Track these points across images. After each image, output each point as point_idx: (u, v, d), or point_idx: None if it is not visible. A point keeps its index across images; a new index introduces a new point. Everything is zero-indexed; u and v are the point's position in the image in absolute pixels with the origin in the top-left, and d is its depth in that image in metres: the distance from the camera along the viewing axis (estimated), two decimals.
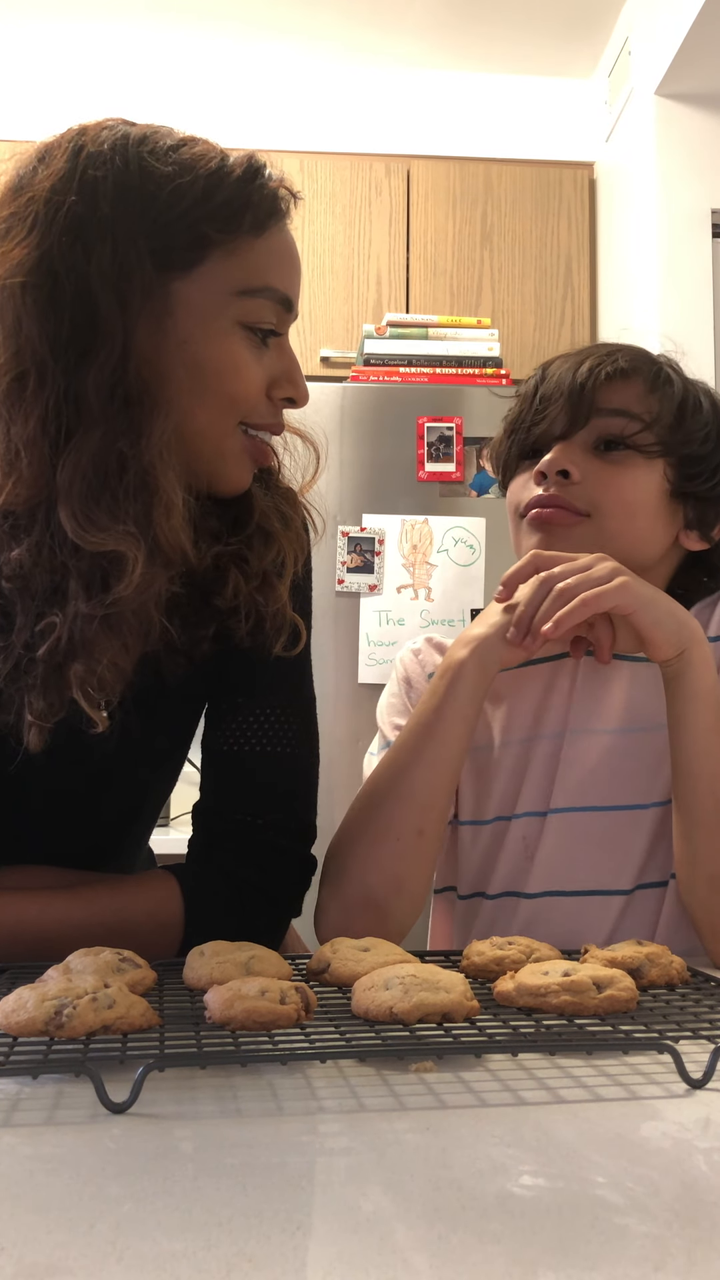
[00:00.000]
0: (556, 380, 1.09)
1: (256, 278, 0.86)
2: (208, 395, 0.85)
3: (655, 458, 1.06)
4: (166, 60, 3.19)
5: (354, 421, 2.64)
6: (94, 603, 0.81)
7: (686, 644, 0.96)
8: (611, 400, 1.06)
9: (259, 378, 0.87)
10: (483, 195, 3.20)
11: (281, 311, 0.88)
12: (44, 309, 0.80)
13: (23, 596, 0.83)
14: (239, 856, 0.93)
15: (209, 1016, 0.66)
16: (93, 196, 0.81)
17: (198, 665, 0.93)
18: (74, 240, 0.80)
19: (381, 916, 0.96)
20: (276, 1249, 0.42)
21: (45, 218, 0.81)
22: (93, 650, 0.82)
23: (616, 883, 1.05)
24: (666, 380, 1.08)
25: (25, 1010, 0.62)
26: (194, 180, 0.83)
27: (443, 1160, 0.51)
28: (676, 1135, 0.55)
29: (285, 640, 0.95)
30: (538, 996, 0.70)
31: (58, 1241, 0.43)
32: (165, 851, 1.15)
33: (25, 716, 0.84)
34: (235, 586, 0.91)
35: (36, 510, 0.82)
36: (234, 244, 0.85)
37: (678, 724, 0.97)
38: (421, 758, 0.99)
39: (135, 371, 0.81)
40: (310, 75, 3.25)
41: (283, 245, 0.88)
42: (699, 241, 2.72)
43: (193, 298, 0.84)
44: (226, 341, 0.85)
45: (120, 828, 1.05)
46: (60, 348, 0.80)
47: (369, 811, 1.00)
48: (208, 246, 0.84)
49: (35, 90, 3.14)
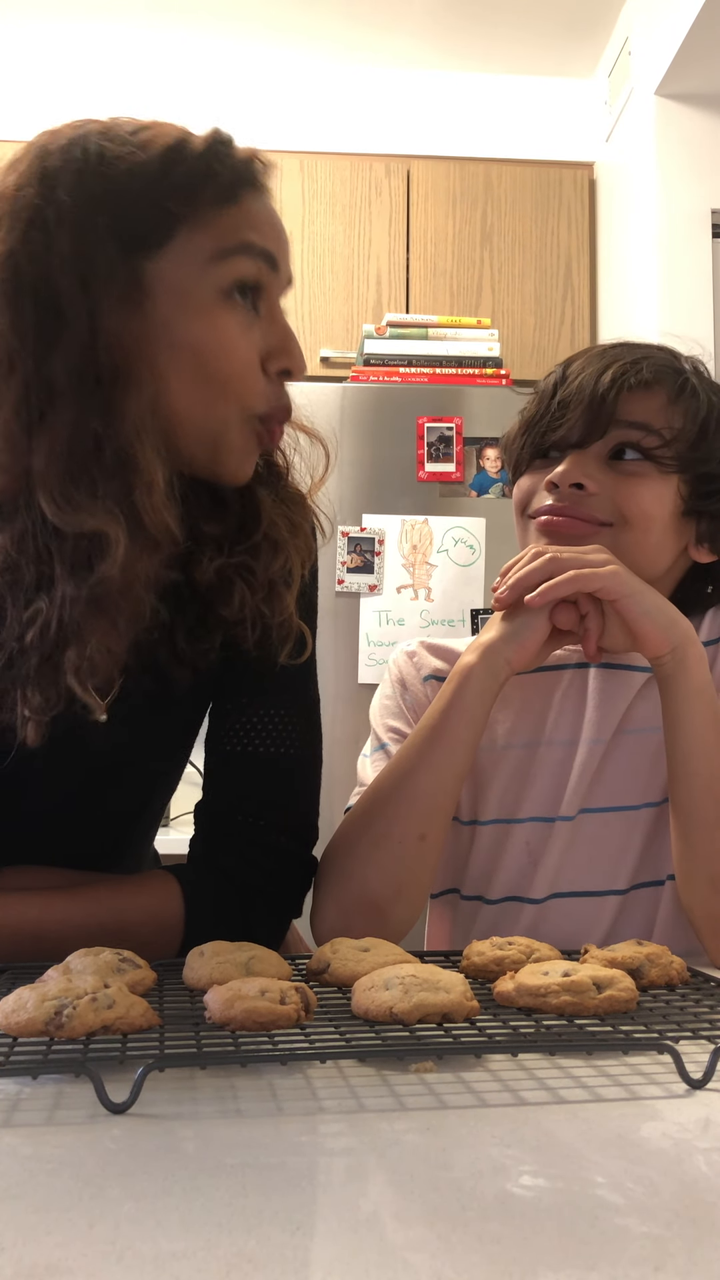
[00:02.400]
0: (578, 385, 1.05)
1: (230, 237, 0.83)
2: (199, 378, 0.84)
3: (670, 473, 1.04)
4: (166, 61, 3.19)
5: (354, 421, 2.64)
6: (79, 585, 0.80)
7: (678, 641, 0.96)
8: (632, 412, 1.04)
9: (249, 352, 0.85)
10: (483, 195, 3.20)
11: (265, 269, 0.86)
12: (10, 299, 0.80)
13: (13, 589, 0.83)
14: (240, 857, 0.93)
15: (209, 1017, 0.66)
16: (50, 187, 0.81)
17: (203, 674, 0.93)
18: (36, 230, 0.80)
19: (380, 919, 0.96)
20: (276, 1249, 0.42)
21: (9, 215, 0.81)
22: (82, 633, 0.82)
23: (613, 883, 1.05)
24: (692, 393, 1.06)
25: (25, 1010, 0.62)
26: (150, 159, 0.82)
27: (443, 1160, 0.51)
28: (676, 1135, 0.55)
29: (292, 649, 0.94)
30: (538, 997, 0.70)
31: (58, 1241, 0.43)
32: (166, 851, 1.15)
33: (22, 711, 0.83)
34: (241, 599, 0.90)
35: (18, 499, 0.82)
36: (200, 216, 0.83)
37: (674, 723, 0.97)
38: (426, 762, 0.99)
39: (105, 353, 0.80)
40: (310, 75, 3.25)
41: (259, 211, 0.86)
42: (699, 241, 2.72)
43: (168, 276, 0.82)
44: (210, 317, 0.83)
45: (124, 828, 1.05)
46: (28, 335, 0.80)
47: (371, 814, 1.00)
48: (174, 222, 0.82)
49: (34, 90, 3.14)
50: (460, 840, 1.13)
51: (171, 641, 0.90)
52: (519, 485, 1.11)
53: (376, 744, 1.15)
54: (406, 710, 1.15)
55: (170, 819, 2.60)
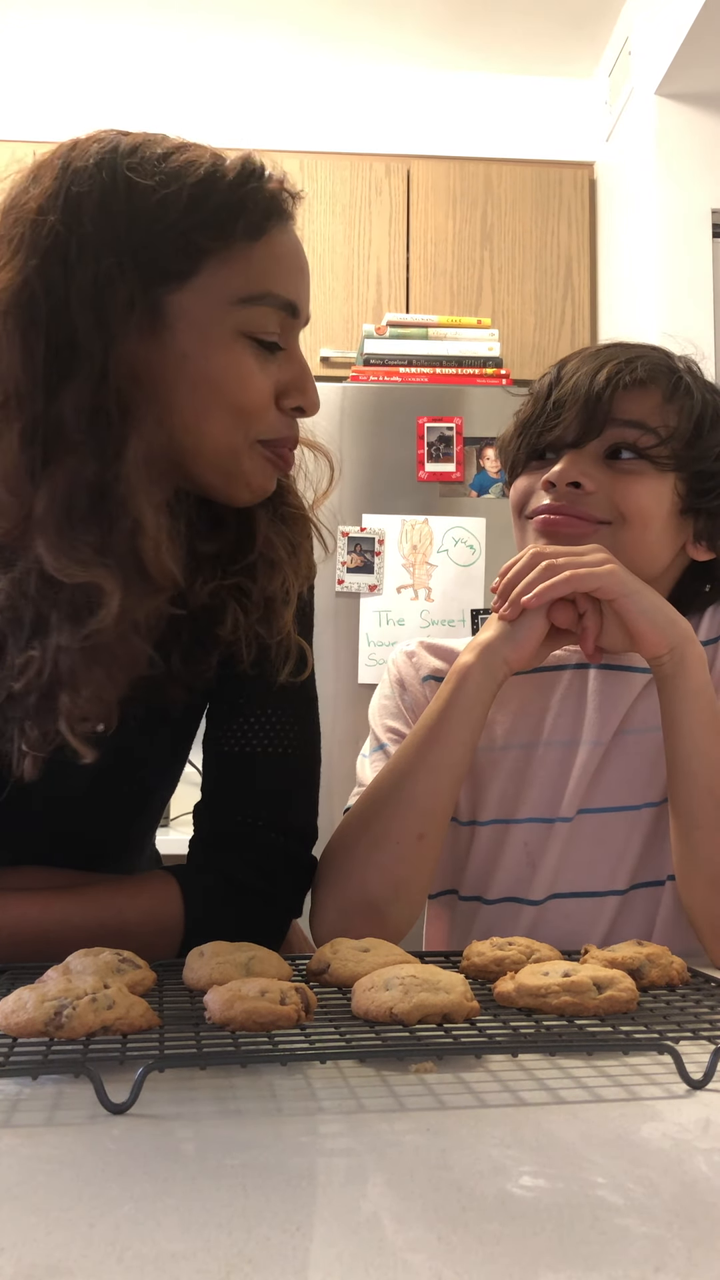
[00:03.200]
0: (573, 385, 1.05)
1: (256, 284, 0.83)
2: (214, 409, 0.83)
3: (667, 471, 1.04)
4: (166, 61, 3.19)
5: (354, 421, 2.64)
6: (73, 635, 0.80)
7: (677, 641, 0.96)
8: (628, 410, 1.04)
9: (265, 387, 0.84)
10: (483, 195, 3.20)
11: (286, 318, 0.85)
12: (24, 333, 0.78)
13: (13, 628, 0.82)
14: (239, 857, 0.93)
15: (209, 1017, 0.66)
16: (75, 215, 0.79)
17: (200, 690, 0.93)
18: (55, 261, 0.78)
19: (379, 920, 0.96)
20: (276, 1249, 0.42)
21: (29, 240, 0.79)
22: (75, 682, 0.81)
23: (613, 883, 1.05)
24: (686, 391, 1.05)
25: (25, 1011, 0.62)
26: (180, 189, 0.80)
27: (443, 1161, 0.51)
28: (676, 1136, 0.55)
29: (291, 668, 0.94)
30: (538, 997, 0.70)
31: (58, 1241, 0.43)
32: (166, 852, 1.15)
33: (19, 746, 0.83)
34: (235, 620, 0.90)
35: (19, 541, 0.81)
36: (229, 251, 0.82)
37: (674, 724, 0.97)
38: (425, 762, 0.99)
39: (116, 391, 0.79)
40: (310, 75, 3.25)
41: (285, 248, 0.85)
42: (699, 241, 2.72)
43: (191, 309, 0.81)
44: (229, 353, 0.82)
45: (123, 829, 1.05)
46: (39, 373, 0.78)
47: (370, 815, 1.00)
48: (201, 256, 0.81)
49: (32, 89, 3.14)
50: (459, 841, 1.13)
51: (167, 663, 0.89)
52: (516, 486, 1.10)
53: (375, 744, 1.15)
54: (405, 710, 1.15)
55: (170, 819, 2.60)
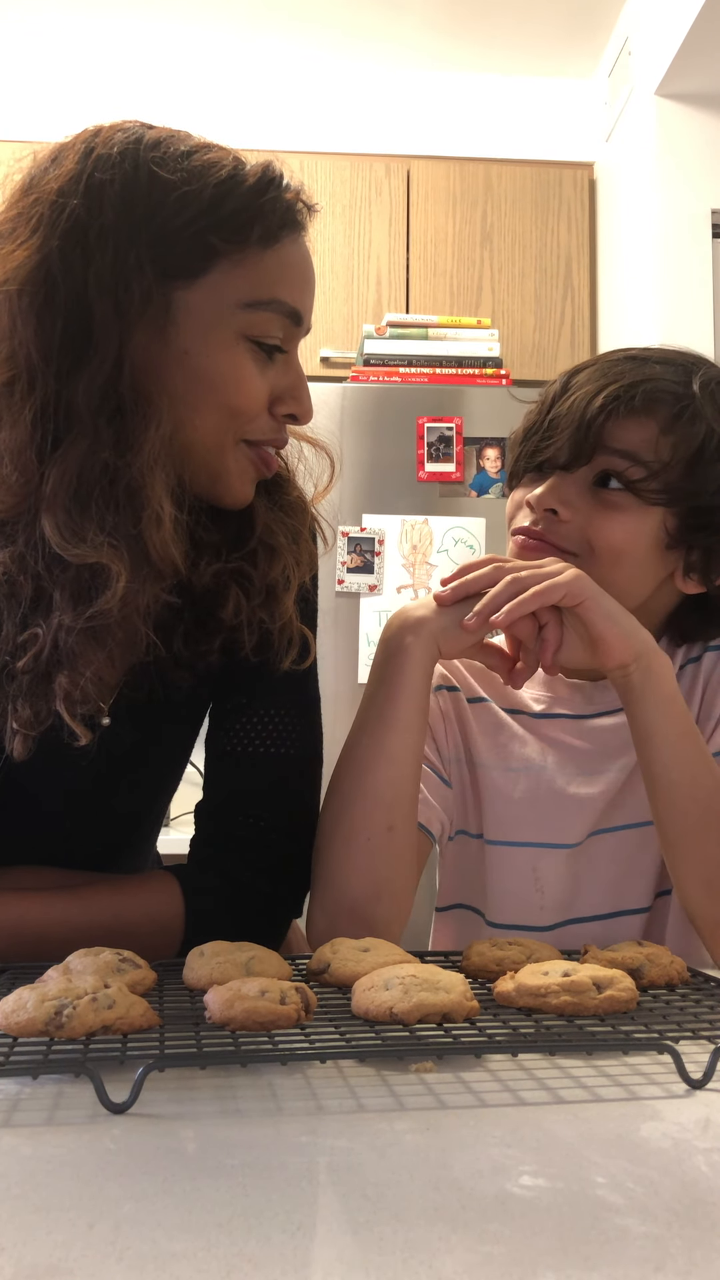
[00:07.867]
0: (570, 404, 1.02)
1: (264, 290, 0.84)
2: (206, 406, 0.84)
3: (654, 505, 1.00)
4: (166, 60, 3.19)
5: (354, 422, 2.64)
6: (76, 614, 0.80)
7: (641, 648, 0.93)
8: (620, 439, 1.00)
9: (261, 391, 0.86)
10: (483, 195, 3.20)
11: (289, 326, 0.86)
12: (39, 313, 0.79)
13: (9, 603, 0.82)
14: (240, 857, 0.93)
15: (209, 1017, 0.66)
16: (98, 202, 0.80)
17: (203, 676, 0.92)
18: (74, 245, 0.80)
19: (366, 923, 0.93)
20: (276, 1249, 0.42)
21: (49, 220, 0.80)
22: (76, 662, 0.82)
23: (639, 901, 1.05)
24: (690, 419, 1.00)
25: (25, 1010, 0.62)
26: (202, 189, 0.82)
27: (443, 1160, 0.51)
28: (676, 1135, 0.55)
29: (295, 655, 0.94)
30: (538, 997, 0.70)
31: (58, 1241, 0.43)
32: (166, 852, 1.15)
33: (10, 725, 0.83)
34: (236, 604, 0.90)
35: (21, 518, 0.81)
36: (242, 255, 0.83)
37: (647, 736, 0.94)
38: (384, 752, 0.96)
39: (129, 380, 0.80)
40: (310, 75, 3.25)
41: (295, 258, 0.86)
42: (699, 241, 2.72)
43: (197, 307, 0.82)
44: (229, 353, 0.84)
45: (125, 829, 1.05)
46: (53, 353, 0.79)
47: (337, 812, 0.97)
48: (214, 256, 0.82)
49: (32, 88, 3.13)
50: (468, 855, 1.12)
51: (169, 645, 0.89)
52: (511, 497, 1.09)
53: None
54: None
55: (170, 819, 2.60)
